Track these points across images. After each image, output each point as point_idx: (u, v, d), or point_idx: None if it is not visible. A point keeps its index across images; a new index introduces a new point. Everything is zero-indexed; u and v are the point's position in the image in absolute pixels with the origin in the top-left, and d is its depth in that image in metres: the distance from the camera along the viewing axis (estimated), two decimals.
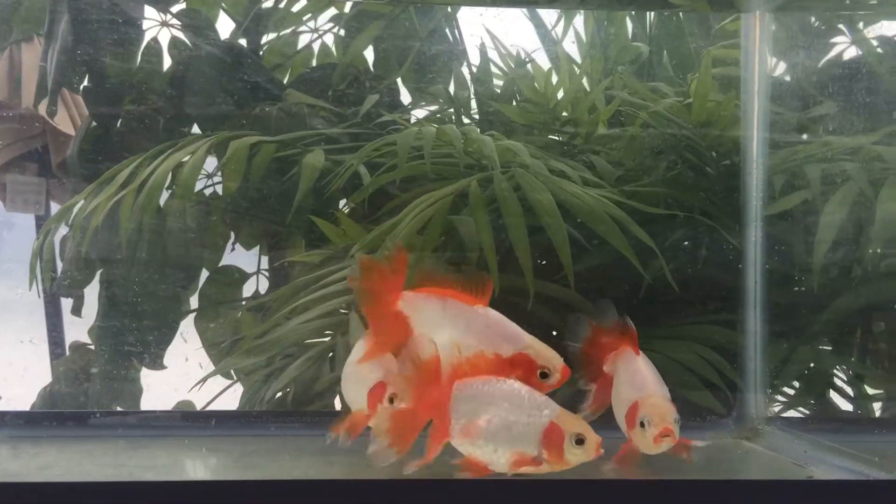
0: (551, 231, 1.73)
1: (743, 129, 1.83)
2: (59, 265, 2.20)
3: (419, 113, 2.40)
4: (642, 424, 1.40)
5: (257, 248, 2.30)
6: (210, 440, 1.66)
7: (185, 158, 2.05)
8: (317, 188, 1.98)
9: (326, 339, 1.88)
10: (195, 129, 2.29)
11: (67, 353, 2.33)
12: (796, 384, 1.77)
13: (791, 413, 1.84)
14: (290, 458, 1.54)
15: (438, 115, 2.38)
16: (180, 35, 2.33)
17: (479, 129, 2.11)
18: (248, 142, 2.05)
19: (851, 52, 1.78)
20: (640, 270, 1.72)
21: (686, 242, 1.87)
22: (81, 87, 2.33)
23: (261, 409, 1.84)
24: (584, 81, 2.28)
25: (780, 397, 1.77)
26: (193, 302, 2.23)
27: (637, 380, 1.46)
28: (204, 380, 1.89)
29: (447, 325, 1.37)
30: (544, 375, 1.36)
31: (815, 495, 1.31)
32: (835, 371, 1.84)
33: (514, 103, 2.29)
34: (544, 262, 1.86)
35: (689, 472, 1.49)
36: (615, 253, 1.82)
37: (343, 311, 1.84)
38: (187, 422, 1.77)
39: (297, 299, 1.85)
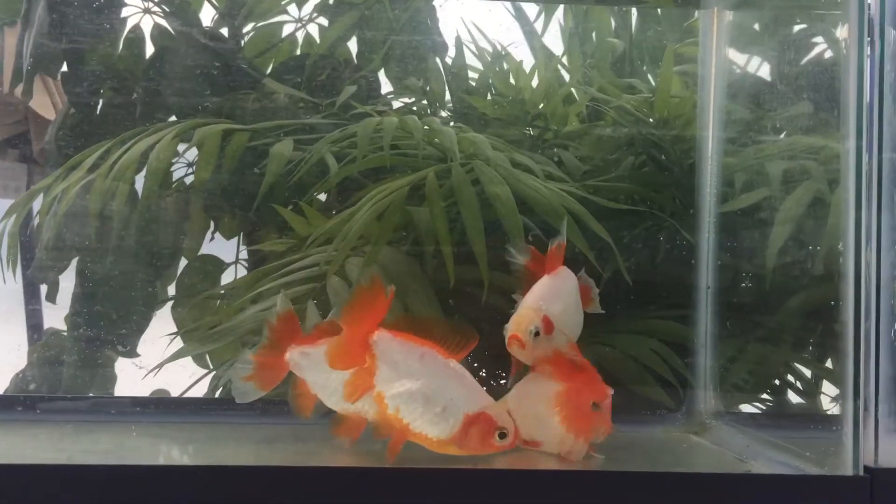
0: (505, 222, 1.74)
1: (699, 127, 1.84)
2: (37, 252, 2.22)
3: (396, 105, 2.42)
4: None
5: (237, 237, 2.31)
6: (159, 427, 1.67)
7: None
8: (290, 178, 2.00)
9: None
10: (173, 118, 2.31)
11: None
12: (746, 378, 1.77)
13: (746, 408, 1.84)
14: (234, 445, 1.55)
15: (414, 108, 2.39)
16: (163, 22, 2.34)
17: (450, 122, 2.12)
18: (218, 129, 2.06)
19: (814, 50, 1.77)
20: (593, 263, 1.73)
21: (645, 238, 1.87)
22: (59, 72, 2.35)
23: (212, 397, 1.86)
24: (565, 75, 2.28)
25: (728, 393, 1.77)
26: (172, 291, 2.24)
27: (528, 295, 1.53)
28: (158, 366, 1.90)
29: (423, 373, 1.39)
30: (502, 436, 1.39)
31: (751, 488, 1.33)
32: (789, 368, 1.84)
33: (489, 97, 2.30)
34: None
35: (633, 464, 1.51)
36: (574, 248, 1.83)
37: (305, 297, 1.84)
38: (137, 408, 1.79)
39: (259, 287, 1.86)
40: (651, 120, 1.93)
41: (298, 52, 2.46)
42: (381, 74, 2.39)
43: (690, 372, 1.77)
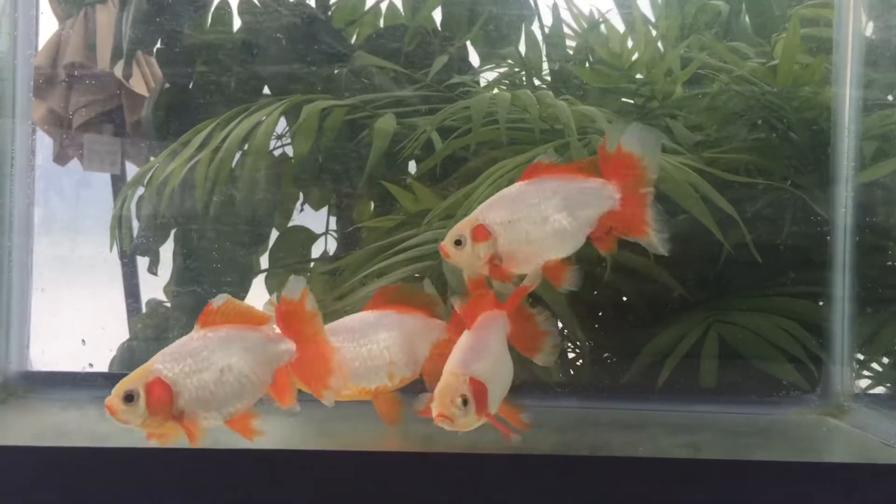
0: None
1: (834, 95, 1.75)
2: (136, 225, 2.24)
3: (489, 75, 2.37)
4: None
5: (325, 209, 2.30)
6: None
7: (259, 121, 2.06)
8: (385, 152, 1.97)
9: None
10: (266, 92, 2.29)
11: (144, 310, 2.38)
12: (885, 360, 1.71)
13: (880, 389, 1.78)
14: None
15: (506, 81, 2.34)
16: None
17: (552, 94, 2.06)
18: (321, 106, 2.04)
19: None
20: (720, 239, 1.67)
21: (769, 211, 1.80)
22: (155, 49, 2.35)
23: None
24: (659, 43, 2.20)
25: (867, 373, 1.71)
26: (264, 262, 2.25)
27: (451, 355, 1.40)
28: None
29: None
30: None
31: None
32: None
33: (587, 65, 2.23)
34: None
35: (770, 451, 1.46)
36: (693, 221, 1.77)
37: (418, 276, 1.83)
38: None
39: (373, 264, 1.84)
40: (772, 87, 1.85)
41: (382, 22, 2.43)
42: (468, 44, 2.34)
43: (825, 352, 1.71)
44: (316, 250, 2.31)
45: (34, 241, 1.75)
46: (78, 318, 1.95)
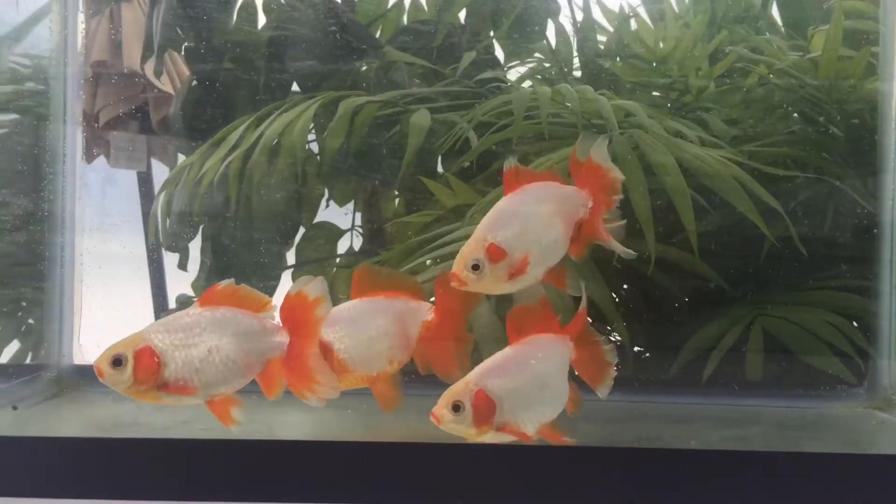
0: (675, 194, 1.69)
1: (881, 88, 1.75)
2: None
3: (518, 70, 2.36)
4: None
5: (350, 204, 2.30)
6: None
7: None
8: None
9: None
10: (294, 88, 2.29)
11: (173, 305, 2.38)
12: None
13: None
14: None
15: (538, 76, 2.33)
16: None
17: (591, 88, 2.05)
18: (357, 102, 2.04)
19: None
20: (765, 234, 1.67)
21: (811, 205, 1.80)
22: (183, 46, 2.34)
23: None
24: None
25: None
26: (290, 257, 2.24)
27: None
28: None
29: None
30: None
31: None
32: None
33: (618, 59, 2.23)
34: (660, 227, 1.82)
35: (821, 445, 1.46)
36: (733, 216, 1.77)
37: None
38: None
39: (414, 259, 1.84)
40: (814, 80, 1.84)
41: (405, 18, 2.43)
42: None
43: (871, 345, 1.71)
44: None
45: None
46: (120, 312, 1.95)
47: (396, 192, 2.26)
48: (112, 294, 2.00)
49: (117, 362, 1.25)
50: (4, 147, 1.71)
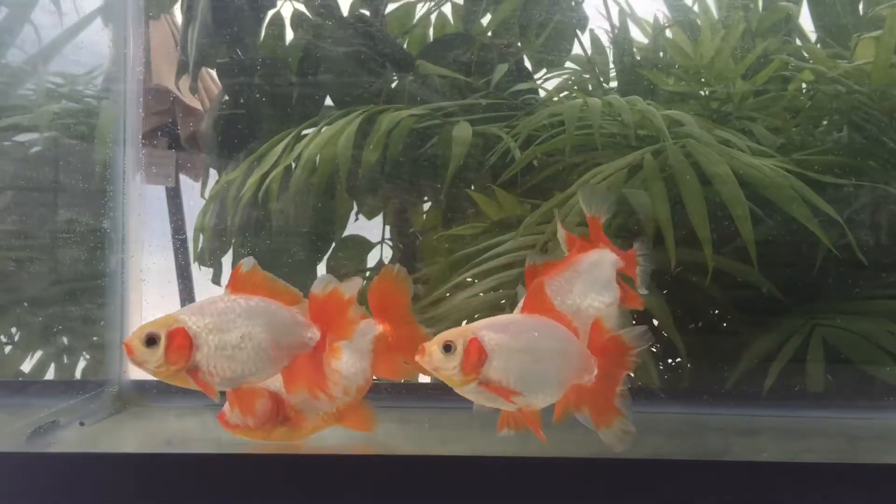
0: (731, 204, 1.67)
1: None
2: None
3: (552, 82, 2.35)
4: None
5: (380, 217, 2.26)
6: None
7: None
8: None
9: None
10: (328, 102, 2.28)
11: None
12: None
13: None
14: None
15: (575, 87, 2.32)
16: (302, 7, 2.31)
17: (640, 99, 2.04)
18: (399, 116, 2.03)
19: None
20: (825, 241, 1.65)
21: (865, 212, 1.79)
22: (216, 62, 2.33)
23: None
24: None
25: None
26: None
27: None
28: None
29: None
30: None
31: None
32: None
33: (656, 70, 2.22)
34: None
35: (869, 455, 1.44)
36: (786, 225, 1.76)
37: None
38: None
39: (461, 273, 1.82)
40: (863, 88, 1.83)
41: (431, 32, 2.42)
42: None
43: None
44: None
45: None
46: None
47: (425, 206, 2.25)
48: (170, 309, 1.99)
49: (151, 341, 1.23)
50: (67, 166, 1.70)
